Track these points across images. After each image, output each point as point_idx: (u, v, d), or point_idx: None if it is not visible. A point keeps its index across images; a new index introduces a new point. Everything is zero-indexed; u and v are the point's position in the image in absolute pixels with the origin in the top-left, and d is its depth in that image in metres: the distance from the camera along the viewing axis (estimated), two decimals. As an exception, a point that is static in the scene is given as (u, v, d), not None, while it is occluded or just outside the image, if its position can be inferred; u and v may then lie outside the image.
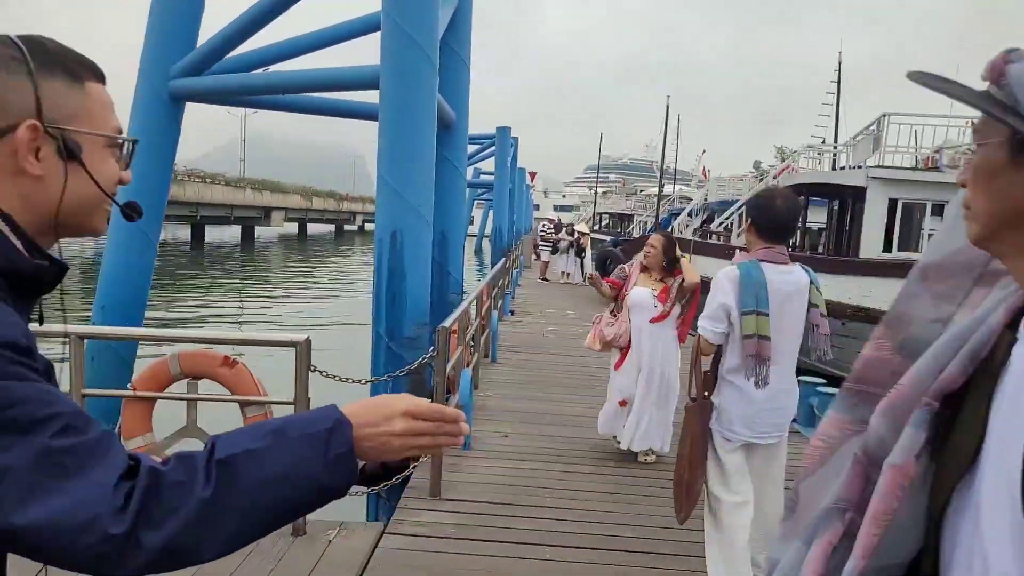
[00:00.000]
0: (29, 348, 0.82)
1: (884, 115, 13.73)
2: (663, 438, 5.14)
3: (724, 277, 3.01)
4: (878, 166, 13.41)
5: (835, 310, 11.77)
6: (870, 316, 11.70)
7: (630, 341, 5.17)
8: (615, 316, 5.30)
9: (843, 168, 16.81)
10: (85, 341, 3.92)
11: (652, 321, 5.05)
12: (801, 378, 6.29)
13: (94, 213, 0.98)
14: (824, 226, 19.54)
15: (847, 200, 14.89)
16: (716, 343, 3.03)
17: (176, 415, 4.19)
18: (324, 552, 3.62)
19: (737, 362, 3.00)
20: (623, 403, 5.19)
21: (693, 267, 5.12)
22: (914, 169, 13.38)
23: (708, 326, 3.01)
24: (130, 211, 1.02)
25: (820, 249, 18.81)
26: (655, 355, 5.08)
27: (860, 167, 14.19)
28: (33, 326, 0.93)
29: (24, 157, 0.89)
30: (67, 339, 3.79)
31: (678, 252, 5.20)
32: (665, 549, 3.82)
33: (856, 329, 11.98)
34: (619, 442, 5.28)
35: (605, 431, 5.42)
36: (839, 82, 35.50)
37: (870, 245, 12.87)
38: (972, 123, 0.85)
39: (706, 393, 3.09)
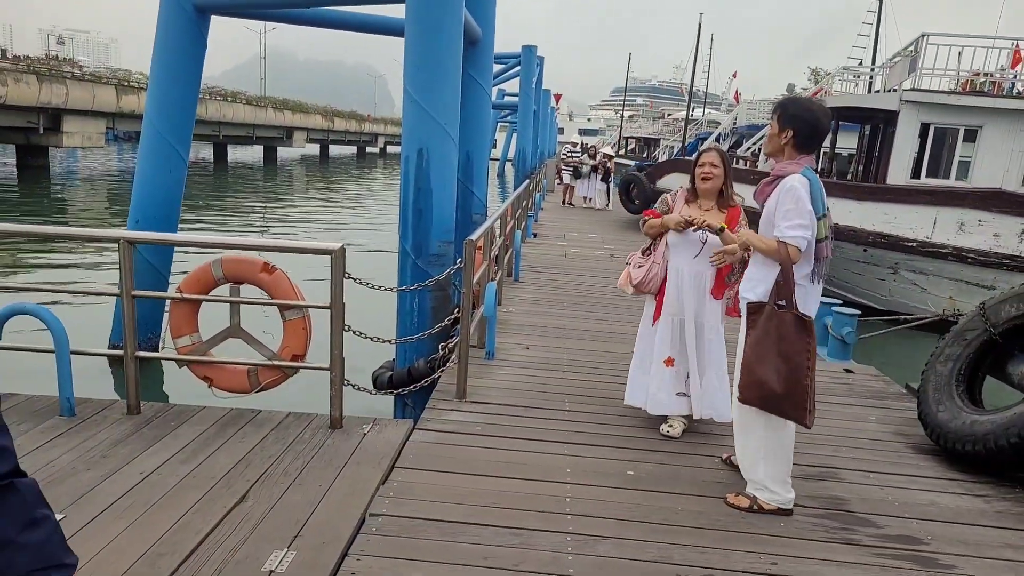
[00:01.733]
0: None
1: (923, 35, 13.22)
2: (725, 405, 4.12)
3: (799, 185, 3.08)
4: (913, 89, 13.02)
5: (857, 236, 11.85)
6: (891, 243, 11.71)
7: (663, 287, 4.21)
8: (647, 256, 4.32)
9: (878, 91, 16.31)
10: (135, 246, 4.17)
11: (714, 294, 4.10)
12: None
13: None
14: (855, 152, 19.17)
15: (879, 124, 14.57)
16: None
17: (219, 317, 4.47)
18: (360, 444, 3.92)
19: (809, 267, 3.17)
20: (669, 361, 4.19)
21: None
22: (950, 93, 12.97)
23: (803, 234, 3.05)
24: None
25: (849, 176, 18.52)
26: (700, 303, 4.12)
27: (895, 90, 13.81)
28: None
29: None
30: (119, 243, 4.05)
31: (734, 195, 4.15)
32: (673, 447, 4.09)
33: (877, 256, 12.00)
34: (671, 427, 4.28)
35: (637, 401, 4.38)
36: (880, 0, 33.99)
37: (898, 171, 12.66)
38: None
39: (783, 301, 3.12)
